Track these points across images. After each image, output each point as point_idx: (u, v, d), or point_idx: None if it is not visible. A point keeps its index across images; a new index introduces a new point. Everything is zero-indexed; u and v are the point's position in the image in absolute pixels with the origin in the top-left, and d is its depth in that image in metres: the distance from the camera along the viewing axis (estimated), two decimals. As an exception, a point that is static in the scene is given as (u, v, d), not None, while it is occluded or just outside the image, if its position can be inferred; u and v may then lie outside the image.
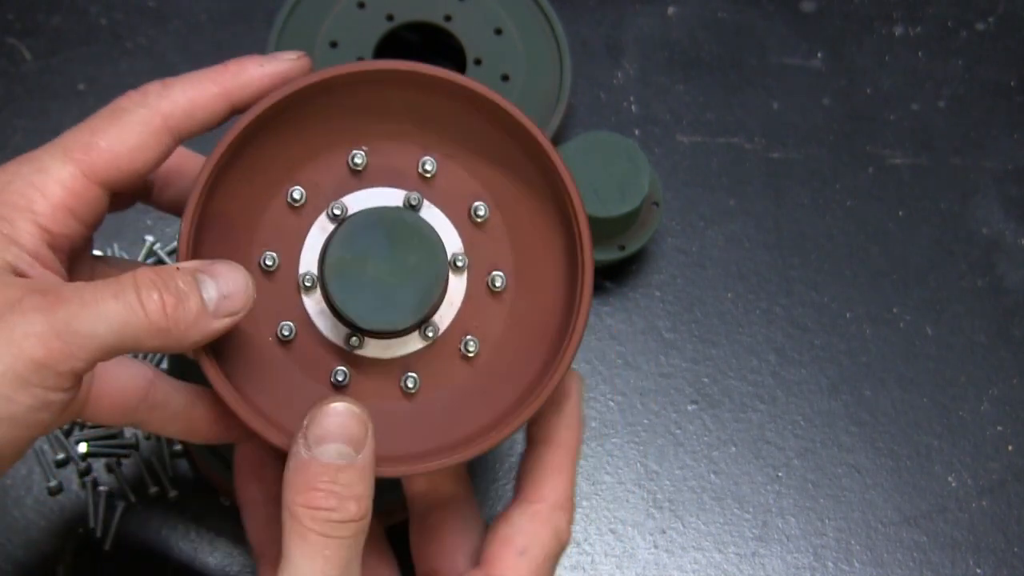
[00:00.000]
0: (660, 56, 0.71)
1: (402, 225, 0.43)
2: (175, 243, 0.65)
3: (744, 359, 0.64)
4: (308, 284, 0.45)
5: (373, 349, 0.45)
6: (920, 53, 0.72)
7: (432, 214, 0.46)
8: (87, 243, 0.45)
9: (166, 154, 0.44)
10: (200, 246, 0.43)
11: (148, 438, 0.61)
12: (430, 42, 0.69)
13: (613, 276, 0.65)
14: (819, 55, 0.72)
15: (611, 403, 0.63)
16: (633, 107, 0.70)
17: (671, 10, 0.72)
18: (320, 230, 0.45)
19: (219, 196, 0.44)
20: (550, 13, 0.67)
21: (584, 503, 0.61)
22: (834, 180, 0.68)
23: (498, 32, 0.67)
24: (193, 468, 0.60)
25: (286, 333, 0.44)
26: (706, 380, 0.64)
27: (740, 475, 0.62)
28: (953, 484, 0.62)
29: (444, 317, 0.46)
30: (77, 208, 0.42)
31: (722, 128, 0.69)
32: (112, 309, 0.38)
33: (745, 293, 0.66)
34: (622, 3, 0.72)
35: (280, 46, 0.65)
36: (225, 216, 0.44)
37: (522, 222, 0.46)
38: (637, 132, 0.69)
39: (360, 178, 0.46)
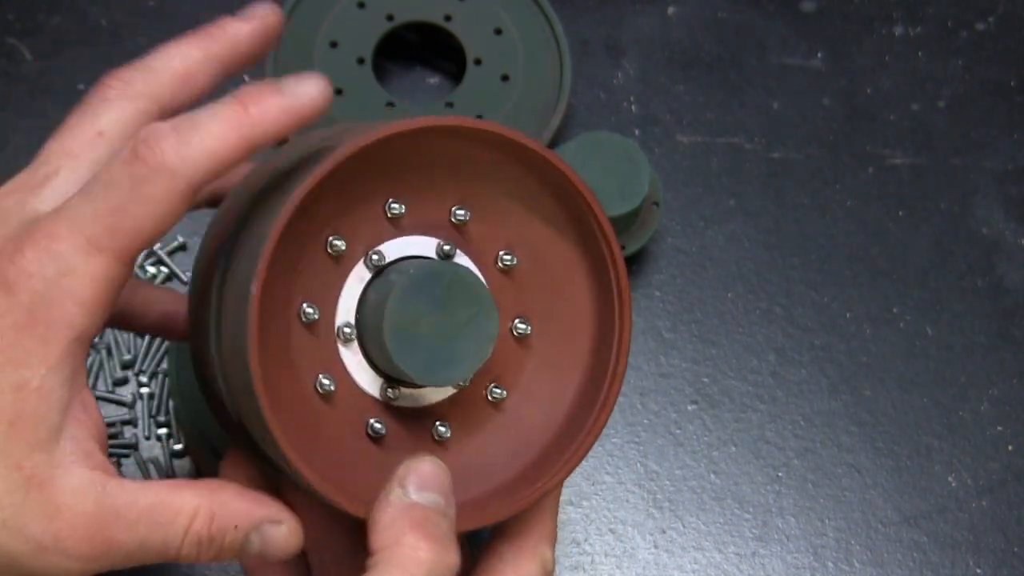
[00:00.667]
0: (660, 56, 0.71)
1: (459, 281, 0.42)
2: (176, 242, 0.65)
3: (744, 359, 0.64)
4: (347, 335, 0.44)
5: (406, 399, 0.45)
6: (920, 53, 0.72)
7: (462, 262, 0.45)
8: None
9: (187, 208, 0.41)
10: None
11: (148, 438, 0.61)
12: (430, 42, 0.69)
13: (613, 276, 0.65)
14: (819, 55, 0.72)
15: (611, 403, 0.63)
16: (633, 107, 0.70)
17: (671, 10, 0.72)
18: (357, 279, 0.44)
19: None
20: (550, 13, 0.67)
21: (584, 503, 0.61)
22: (834, 180, 0.68)
23: (498, 32, 0.67)
24: (194, 467, 0.60)
25: (326, 384, 0.43)
26: (706, 380, 0.64)
27: (740, 475, 0.62)
28: (953, 484, 0.62)
29: None
30: (109, 297, 0.40)
31: (722, 128, 0.69)
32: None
33: (745, 293, 0.66)
34: (622, 3, 0.72)
35: (280, 46, 0.65)
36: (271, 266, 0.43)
37: (550, 268, 0.46)
38: (637, 132, 0.69)
39: (397, 226, 0.45)
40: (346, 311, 0.44)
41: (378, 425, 0.44)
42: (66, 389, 0.39)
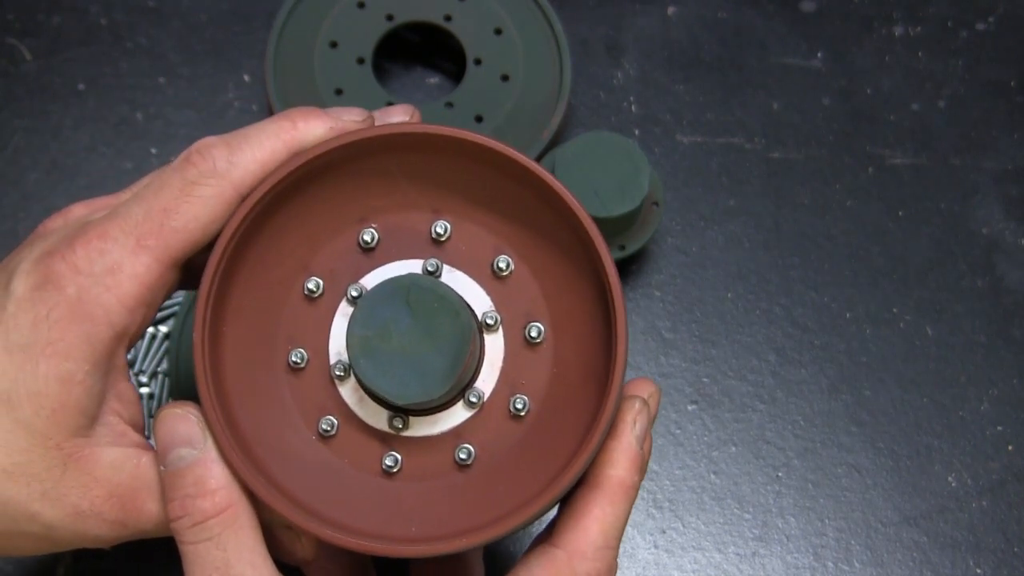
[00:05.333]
0: (660, 56, 0.71)
1: (419, 291, 0.41)
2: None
3: (744, 359, 0.64)
4: (341, 373, 0.43)
5: (420, 427, 0.43)
6: (920, 53, 0.72)
7: (454, 277, 0.44)
8: None
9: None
10: (221, 349, 0.42)
11: (148, 438, 0.61)
12: (430, 42, 0.69)
13: (613, 276, 0.65)
14: (819, 55, 0.72)
15: (611, 403, 0.63)
16: (633, 107, 0.70)
17: (671, 10, 0.72)
18: (343, 317, 0.44)
19: (235, 294, 0.43)
20: (550, 13, 0.67)
21: (584, 503, 0.61)
22: (834, 180, 0.68)
23: (498, 32, 0.67)
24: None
25: (327, 428, 0.43)
26: (706, 380, 0.64)
27: (740, 475, 0.62)
28: (953, 484, 0.62)
29: (487, 380, 0.44)
30: (152, 298, 0.41)
31: (722, 128, 0.69)
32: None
33: (745, 293, 0.66)
34: (622, 3, 0.72)
35: (280, 46, 0.66)
36: (244, 316, 0.43)
37: (548, 271, 0.44)
38: (637, 132, 0.69)
39: (373, 256, 0.44)
40: (338, 351, 0.43)
41: (390, 461, 0.43)
42: (105, 382, 0.41)
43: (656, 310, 0.65)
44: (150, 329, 0.62)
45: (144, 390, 0.61)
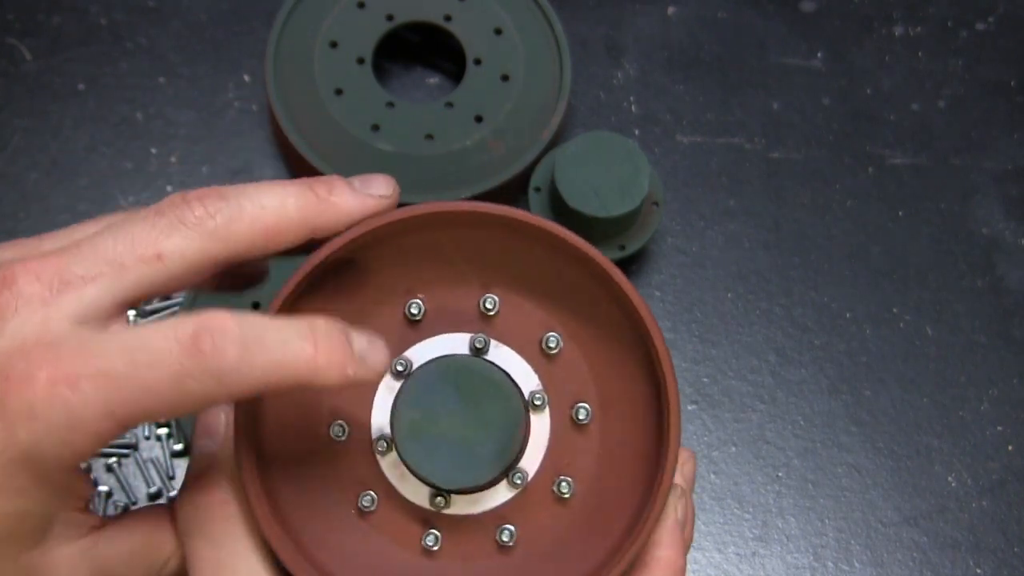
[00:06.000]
0: (660, 56, 0.71)
1: (469, 374, 0.40)
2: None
3: (744, 359, 0.64)
4: (383, 448, 0.42)
5: (462, 506, 0.42)
6: (920, 53, 0.72)
7: (501, 353, 0.43)
8: None
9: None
10: (262, 420, 0.41)
11: (148, 438, 0.61)
12: (430, 42, 0.69)
13: (613, 276, 0.65)
14: (819, 55, 0.72)
15: (611, 403, 0.63)
16: (633, 107, 0.70)
17: (671, 10, 0.72)
18: (388, 390, 0.42)
19: None
20: (550, 13, 0.67)
21: (584, 503, 0.61)
22: (834, 180, 0.68)
23: (498, 32, 0.67)
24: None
25: (367, 504, 0.42)
26: (706, 380, 0.64)
27: (740, 475, 0.62)
28: (953, 484, 0.62)
29: (531, 460, 0.43)
30: (104, 444, 0.38)
31: (722, 128, 0.69)
32: None
33: (745, 293, 0.66)
34: (622, 3, 0.72)
35: (280, 46, 0.65)
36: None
37: (598, 350, 0.43)
38: (637, 132, 0.69)
39: (419, 329, 0.43)
40: (380, 424, 0.42)
41: (430, 539, 0.42)
42: (60, 501, 0.38)
43: (656, 310, 0.65)
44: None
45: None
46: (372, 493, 0.42)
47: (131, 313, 0.62)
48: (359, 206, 0.40)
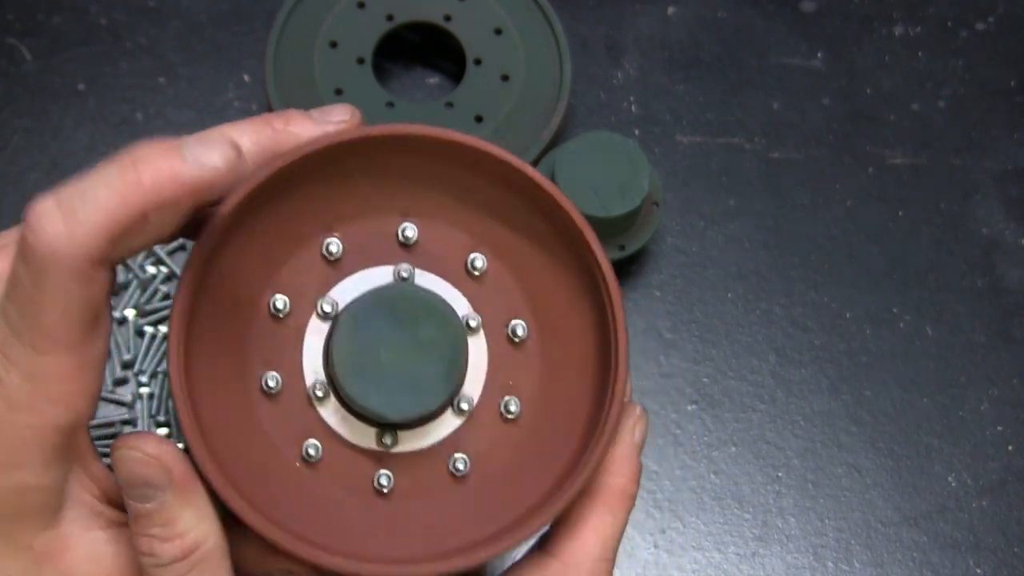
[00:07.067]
0: (660, 56, 0.71)
1: (403, 301, 0.39)
2: (177, 241, 0.65)
3: (744, 359, 0.64)
4: (320, 394, 0.41)
5: (410, 442, 0.41)
6: (920, 53, 0.72)
7: (427, 281, 0.42)
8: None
9: (112, 277, 0.38)
10: (194, 378, 0.39)
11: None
12: (430, 42, 0.69)
13: (613, 276, 0.65)
14: (819, 55, 0.72)
15: (611, 403, 0.63)
16: (633, 107, 0.70)
17: (671, 10, 0.72)
18: (315, 334, 0.41)
19: (201, 318, 0.40)
20: (550, 13, 0.67)
21: (584, 503, 0.61)
22: (834, 180, 0.68)
23: (498, 32, 0.67)
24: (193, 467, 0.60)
25: (312, 454, 0.40)
26: (706, 380, 0.64)
27: (740, 475, 0.62)
28: (953, 484, 0.62)
29: (474, 384, 0.42)
30: (85, 383, 0.37)
31: (722, 128, 0.69)
32: None
33: (745, 293, 0.66)
34: (622, 3, 0.72)
35: (280, 46, 0.65)
36: (213, 341, 0.40)
37: (530, 266, 0.42)
38: (637, 132, 0.69)
39: (340, 267, 0.42)
40: (314, 371, 0.41)
41: (383, 480, 0.41)
42: (65, 472, 0.38)
43: (656, 310, 0.65)
44: (149, 329, 0.62)
45: (144, 390, 0.61)
46: (316, 441, 0.41)
47: (131, 313, 0.62)
48: (320, 133, 0.40)
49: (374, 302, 0.39)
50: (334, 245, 0.42)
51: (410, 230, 0.42)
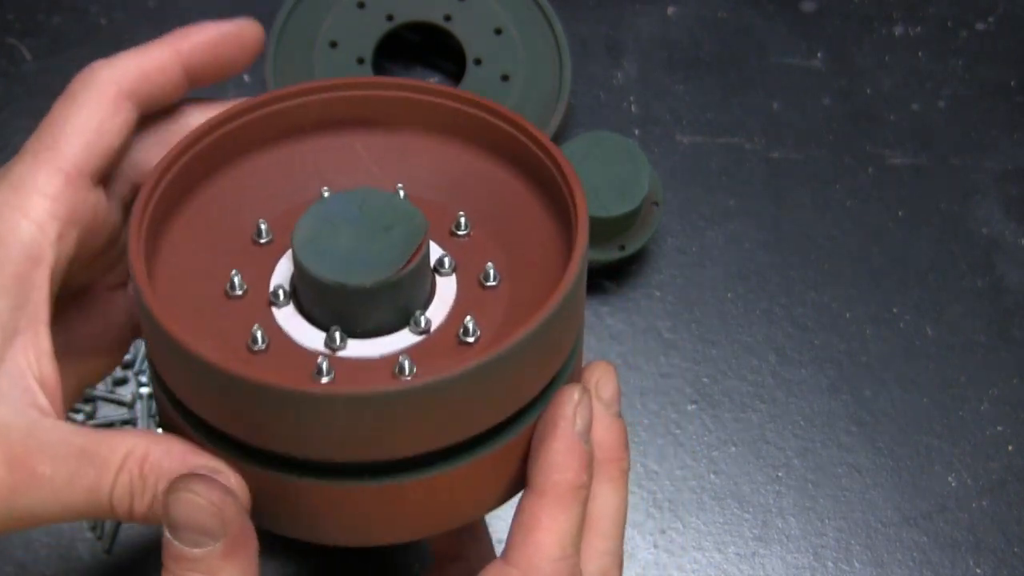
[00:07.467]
0: (660, 56, 0.71)
1: (372, 196, 0.40)
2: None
3: (744, 359, 0.64)
4: (279, 299, 0.41)
5: (359, 348, 0.40)
6: (920, 53, 0.72)
7: None
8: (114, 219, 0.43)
9: (132, 122, 0.42)
10: (156, 274, 0.41)
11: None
12: (430, 42, 0.69)
13: (613, 276, 0.65)
14: (819, 55, 0.72)
15: (611, 403, 0.63)
16: (633, 107, 0.70)
17: (671, 10, 0.72)
18: (289, 259, 0.42)
19: (175, 230, 0.42)
20: (550, 13, 0.67)
21: (584, 503, 0.61)
22: (834, 180, 0.68)
23: (498, 32, 0.67)
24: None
25: (257, 343, 0.40)
26: (706, 380, 0.64)
27: (740, 475, 0.62)
28: (953, 484, 0.62)
29: (437, 312, 0.42)
30: (69, 214, 0.39)
31: (722, 128, 0.69)
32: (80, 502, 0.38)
33: (745, 293, 0.66)
34: (622, 3, 0.72)
35: (280, 46, 0.66)
36: (183, 252, 0.42)
37: (508, 223, 0.44)
38: (637, 132, 0.69)
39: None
40: (278, 282, 0.42)
41: (325, 367, 0.39)
42: (11, 316, 0.38)
43: (656, 310, 0.65)
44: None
45: (144, 390, 0.61)
46: (263, 332, 0.40)
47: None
48: (221, 31, 0.46)
49: (343, 197, 0.41)
50: (327, 192, 0.44)
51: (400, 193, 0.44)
